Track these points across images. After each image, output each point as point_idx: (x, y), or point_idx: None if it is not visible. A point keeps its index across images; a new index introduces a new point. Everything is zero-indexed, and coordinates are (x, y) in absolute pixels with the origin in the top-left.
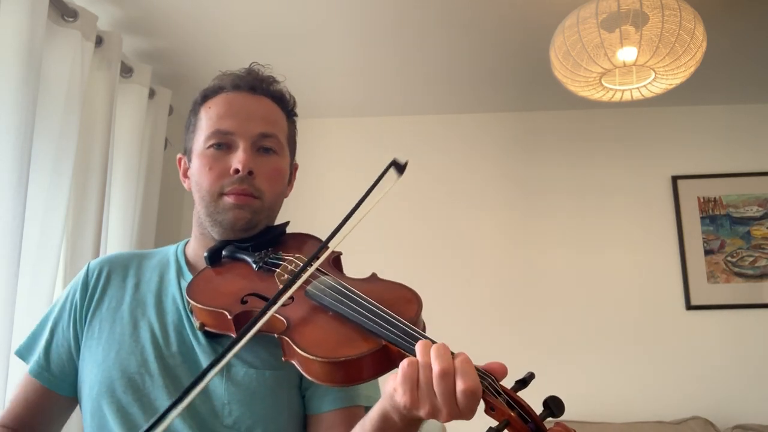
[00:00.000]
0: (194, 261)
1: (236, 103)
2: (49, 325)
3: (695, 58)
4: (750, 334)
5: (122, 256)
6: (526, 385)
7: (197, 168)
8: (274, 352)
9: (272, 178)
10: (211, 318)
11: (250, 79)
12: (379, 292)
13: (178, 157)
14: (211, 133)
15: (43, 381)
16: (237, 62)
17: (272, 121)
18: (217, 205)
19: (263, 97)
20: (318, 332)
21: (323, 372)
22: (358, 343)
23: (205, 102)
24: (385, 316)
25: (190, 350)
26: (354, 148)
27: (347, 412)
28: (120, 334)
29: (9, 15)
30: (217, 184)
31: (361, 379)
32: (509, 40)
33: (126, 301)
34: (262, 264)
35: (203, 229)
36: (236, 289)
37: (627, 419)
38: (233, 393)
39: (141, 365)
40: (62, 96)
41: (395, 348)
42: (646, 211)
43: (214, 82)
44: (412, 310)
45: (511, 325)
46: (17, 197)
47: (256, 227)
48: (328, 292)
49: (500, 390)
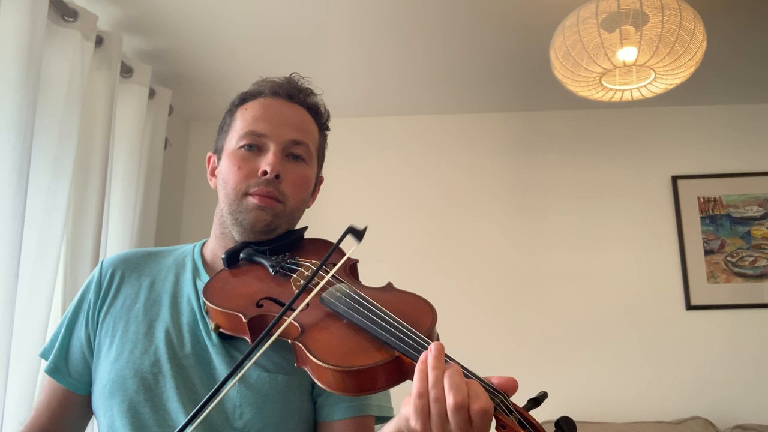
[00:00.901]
0: (211, 261)
1: (272, 108)
2: (65, 325)
3: (695, 58)
4: (750, 334)
5: (137, 254)
6: (539, 404)
7: (226, 166)
8: (288, 357)
9: (298, 185)
10: (226, 320)
11: (288, 87)
12: (395, 303)
13: (208, 155)
14: (244, 133)
15: (60, 381)
16: (237, 62)
17: (305, 129)
18: (240, 204)
19: (299, 107)
20: (332, 340)
21: (335, 380)
22: (372, 353)
23: (242, 104)
24: (399, 326)
25: (204, 351)
26: (354, 148)
27: (358, 422)
28: (134, 333)
29: (9, 15)
30: (244, 184)
31: (373, 389)
32: (509, 40)
33: (140, 299)
34: (279, 268)
35: (224, 228)
36: (252, 292)
37: (627, 419)
38: (245, 396)
39: (154, 365)
40: (62, 96)
41: (408, 360)
42: (646, 211)
43: (254, 87)
44: (426, 322)
45: (511, 326)
46: (17, 197)
47: (275, 231)
48: (343, 300)
49: (512, 408)
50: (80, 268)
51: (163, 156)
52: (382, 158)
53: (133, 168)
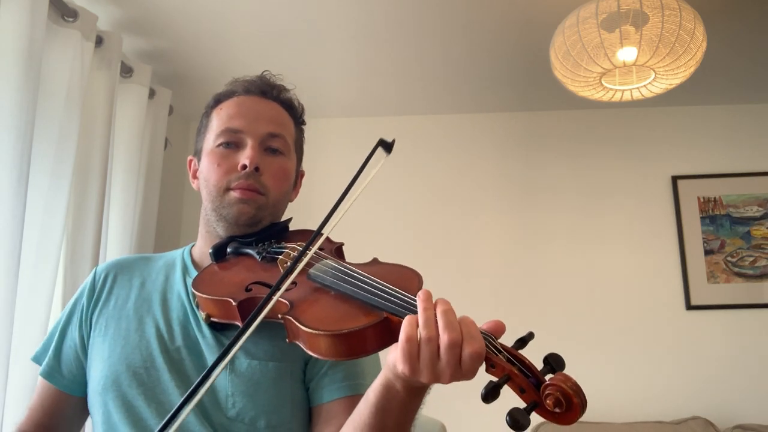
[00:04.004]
0: (200, 260)
1: (246, 105)
2: (59, 329)
3: (695, 58)
4: (750, 334)
5: (129, 259)
6: (525, 344)
7: (206, 165)
8: (278, 344)
9: (278, 177)
10: (216, 307)
11: (261, 84)
12: (381, 273)
13: (188, 158)
14: (221, 131)
15: (54, 383)
16: (237, 62)
17: (280, 123)
18: (222, 200)
19: (273, 102)
20: (321, 310)
21: (327, 346)
22: (361, 317)
23: (217, 105)
24: (385, 289)
25: (194, 344)
26: (352, 149)
27: (351, 401)
28: (125, 330)
29: (9, 15)
30: (225, 179)
31: (365, 351)
32: (509, 40)
33: (132, 299)
34: (265, 254)
35: (209, 227)
36: (240, 279)
37: (627, 419)
38: (237, 384)
39: (146, 359)
40: (62, 96)
41: (397, 319)
42: (646, 211)
43: (227, 87)
44: (413, 286)
45: (510, 326)
46: (17, 197)
47: (259, 223)
48: (330, 272)
49: (500, 348)
50: (80, 268)
51: (163, 156)
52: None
53: (133, 168)
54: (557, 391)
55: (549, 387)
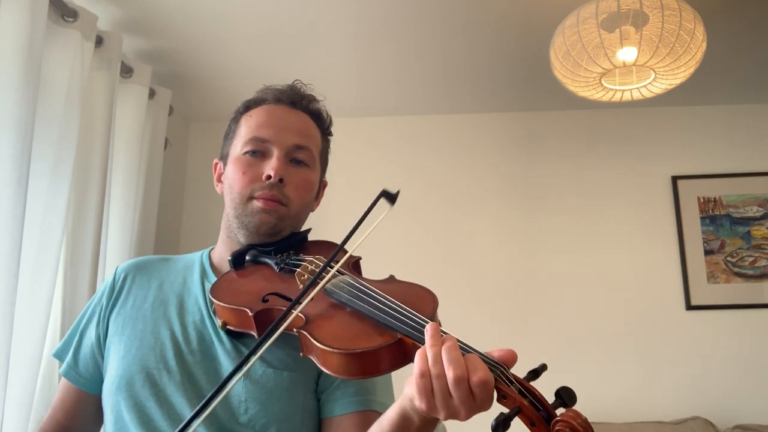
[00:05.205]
0: (219, 264)
1: (275, 115)
2: (79, 328)
3: (695, 58)
4: (750, 334)
5: (149, 260)
6: (538, 376)
7: (231, 172)
8: (293, 355)
9: (301, 189)
10: (233, 316)
11: (291, 94)
12: (396, 292)
13: (214, 162)
14: (248, 139)
15: (73, 381)
16: (237, 62)
17: (307, 135)
18: (245, 208)
19: (302, 112)
20: (336, 326)
21: (340, 364)
22: (375, 337)
23: (246, 111)
24: (400, 310)
25: (209, 348)
26: (353, 149)
27: (361, 416)
28: (141, 331)
29: (9, 15)
30: (249, 188)
31: (378, 371)
32: (509, 40)
33: (149, 300)
34: (283, 265)
35: (230, 233)
36: (258, 289)
37: (627, 419)
38: (251, 391)
39: (160, 361)
40: (62, 96)
41: (410, 341)
42: (646, 211)
43: (257, 94)
44: (428, 307)
45: (510, 326)
46: (17, 197)
47: (280, 233)
48: (346, 289)
49: (512, 379)
50: (80, 268)
51: (163, 156)
52: (380, 159)
53: (132, 168)
54: (567, 427)
55: (559, 423)
